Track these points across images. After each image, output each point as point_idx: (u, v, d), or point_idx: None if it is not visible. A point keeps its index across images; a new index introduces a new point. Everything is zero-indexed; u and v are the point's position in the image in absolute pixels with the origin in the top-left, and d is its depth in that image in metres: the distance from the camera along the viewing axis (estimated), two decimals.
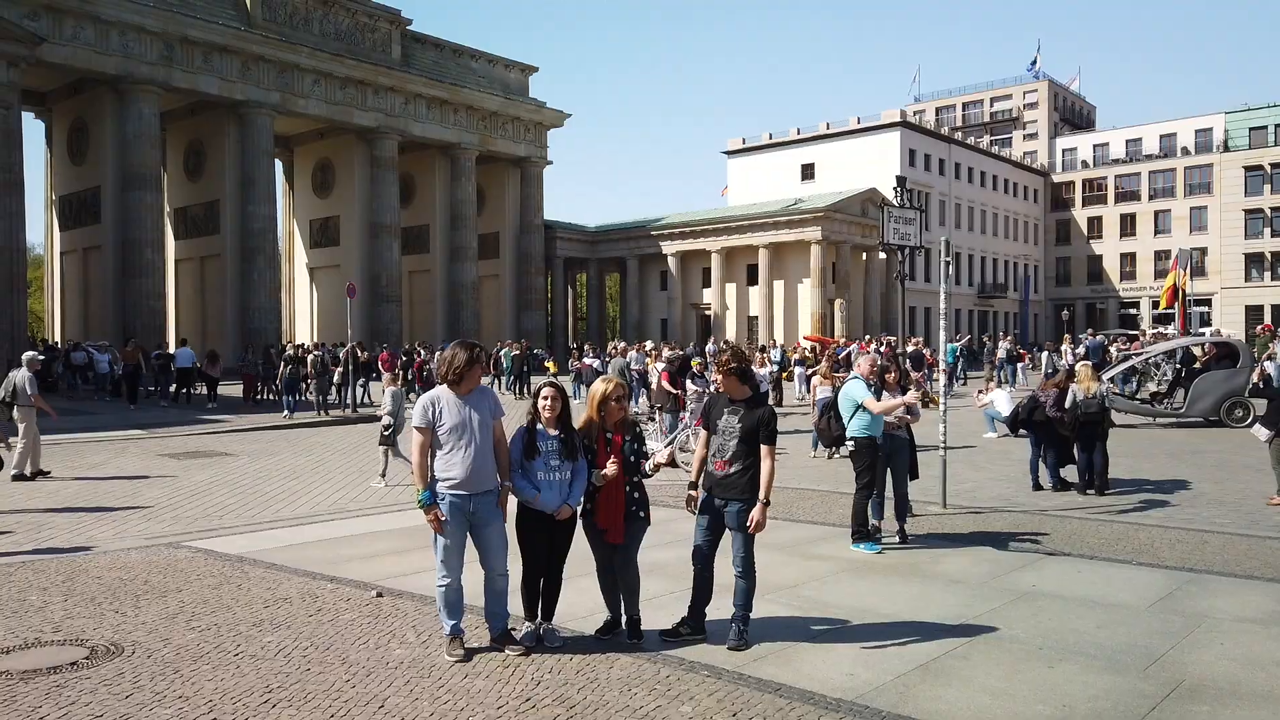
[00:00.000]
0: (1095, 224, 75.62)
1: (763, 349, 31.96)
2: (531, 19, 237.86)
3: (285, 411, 21.77)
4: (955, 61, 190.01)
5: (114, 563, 7.64)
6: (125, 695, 4.64)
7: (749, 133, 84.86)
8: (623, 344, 33.53)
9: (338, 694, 4.65)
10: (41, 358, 13.91)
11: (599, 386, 5.48)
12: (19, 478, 12.27)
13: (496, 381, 30.55)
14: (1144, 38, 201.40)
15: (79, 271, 40.95)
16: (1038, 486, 11.30)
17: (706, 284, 56.62)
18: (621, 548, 5.42)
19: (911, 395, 8.70)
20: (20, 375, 12.72)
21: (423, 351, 31.68)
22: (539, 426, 5.34)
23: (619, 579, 5.51)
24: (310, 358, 24.31)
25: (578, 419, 5.45)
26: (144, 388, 26.16)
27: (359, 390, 26.41)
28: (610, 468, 5.27)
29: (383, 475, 12.45)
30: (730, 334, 51.39)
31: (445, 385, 5.26)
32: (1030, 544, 8.31)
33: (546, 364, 34.63)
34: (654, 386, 18.11)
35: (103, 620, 5.98)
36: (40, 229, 44.46)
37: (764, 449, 5.42)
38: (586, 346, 36.51)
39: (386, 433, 12.44)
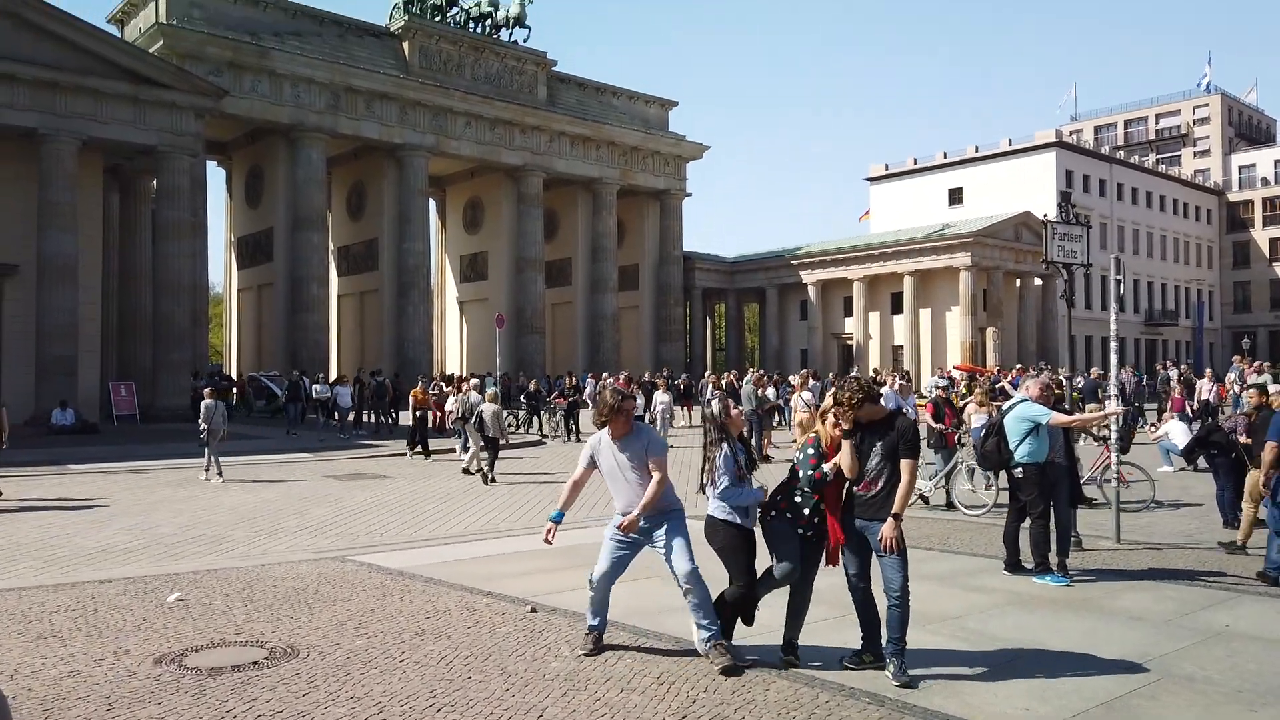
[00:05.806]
0: (1278, 245, 69.88)
1: (905, 375, 30.86)
2: (671, 53, 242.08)
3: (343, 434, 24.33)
4: (1114, 78, 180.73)
5: (287, 573, 8.09)
6: (302, 694, 4.87)
7: (891, 159, 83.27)
8: (754, 371, 33.21)
9: (498, 702, 4.74)
10: (493, 390, 17.07)
11: (827, 400, 5.60)
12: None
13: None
14: None
15: (254, 307, 44.12)
16: (1229, 524, 10.39)
17: (848, 313, 55.45)
18: (805, 569, 5.50)
19: (1111, 405, 8.29)
20: (487, 409, 15.50)
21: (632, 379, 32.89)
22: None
23: (799, 597, 5.55)
24: (382, 382, 26.63)
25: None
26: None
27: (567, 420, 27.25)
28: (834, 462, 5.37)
29: (206, 470, 15.29)
30: (874, 363, 50.10)
31: (602, 430, 5.60)
32: (1219, 582, 7.64)
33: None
34: (799, 419, 17.52)
35: (279, 624, 6.32)
36: (220, 268, 48.18)
37: (905, 463, 5.22)
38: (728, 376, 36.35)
39: (202, 436, 15.40)
